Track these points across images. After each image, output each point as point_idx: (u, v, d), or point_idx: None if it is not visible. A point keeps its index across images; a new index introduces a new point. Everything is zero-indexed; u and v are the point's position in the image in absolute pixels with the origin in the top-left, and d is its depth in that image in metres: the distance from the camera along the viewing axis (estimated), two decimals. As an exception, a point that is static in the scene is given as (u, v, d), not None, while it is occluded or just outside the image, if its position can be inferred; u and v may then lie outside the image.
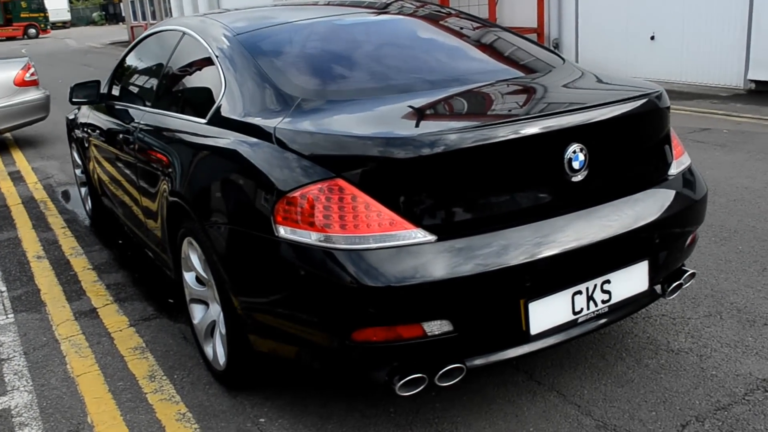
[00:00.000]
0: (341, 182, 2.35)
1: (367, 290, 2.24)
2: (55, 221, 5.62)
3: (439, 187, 2.34)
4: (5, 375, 3.26)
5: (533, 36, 11.51)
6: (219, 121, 2.95)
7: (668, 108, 2.90)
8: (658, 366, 3.04)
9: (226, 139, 2.82)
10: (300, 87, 2.83)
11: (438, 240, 2.33)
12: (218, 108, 3.00)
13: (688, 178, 2.96)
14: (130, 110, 4.03)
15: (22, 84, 8.49)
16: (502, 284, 2.35)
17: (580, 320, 2.55)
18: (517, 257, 2.35)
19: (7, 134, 9.68)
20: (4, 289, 4.26)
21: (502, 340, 2.46)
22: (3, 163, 8.00)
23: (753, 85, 9.53)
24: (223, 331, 2.85)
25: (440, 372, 2.35)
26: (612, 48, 11.27)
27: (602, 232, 2.52)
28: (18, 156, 8.31)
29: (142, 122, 3.73)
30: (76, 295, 4.12)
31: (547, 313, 2.46)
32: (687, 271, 2.98)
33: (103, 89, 4.61)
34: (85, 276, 4.41)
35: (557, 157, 2.48)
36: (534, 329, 2.43)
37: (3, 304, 4.02)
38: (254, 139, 2.67)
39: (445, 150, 2.30)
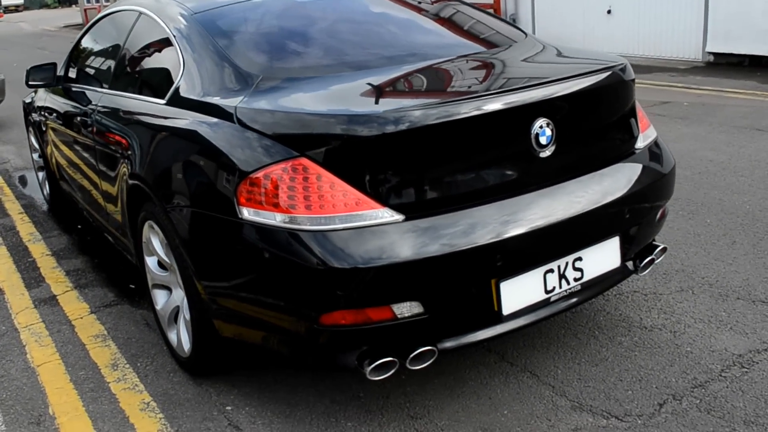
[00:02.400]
0: (305, 161, 2.20)
1: (334, 272, 2.11)
2: (12, 207, 5.37)
3: (405, 165, 2.21)
4: (-42, 367, 3.06)
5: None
6: (178, 101, 2.78)
7: (633, 80, 2.79)
8: (632, 344, 2.95)
9: (186, 119, 2.65)
10: (259, 65, 2.67)
11: (405, 219, 2.19)
12: (177, 88, 2.82)
13: (655, 151, 2.86)
14: (87, 92, 3.82)
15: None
16: (473, 264, 2.22)
17: (552, 299, 2.44)
18: (486, 236, 2.23)
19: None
20: (-41, 276, 4.04)
21: (474, 321, 2.34)
22: (-39, 146, 7.66)
23: (711, 58, 9.51)
24: (188, 316, 2.69)
25: (411, 355, 2.22)
26: (569, 23, 11.20)
27: (572, 209, 2.41)
28: (-22, 139, 7.97)
29: (99, 104, 3.53)
30: (35, 282, 3.91)
31: (519, 292, 2.34)
32: (658, 246, 2.90)
33: (60, 72, 4.38)
34: (44, 262, 4.20)
35: (524, 133, 2.36)
36: (506, 309, 2.32)
37: (-42, 293, 3.81)
38: (214, 119, 2.51)
39: (411, 127, 2.17)
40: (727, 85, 8.16)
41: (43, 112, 4.68)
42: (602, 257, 2.54)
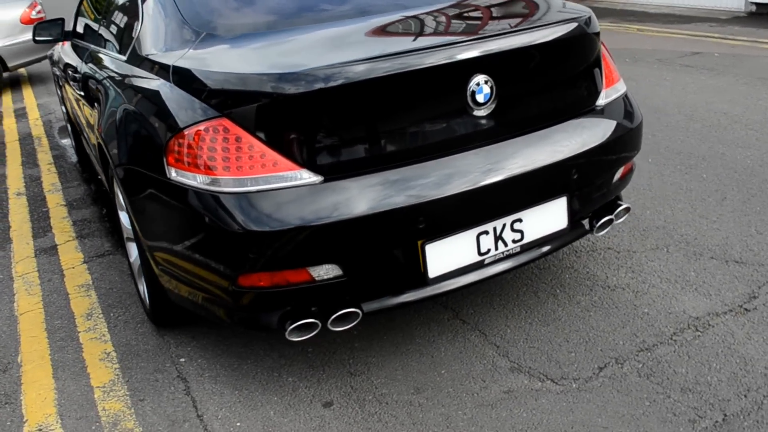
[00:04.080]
0: (226, 122, 2.08)
1: (248, 235, 2.01)
2: (44, 158, 5.45)
3: (323, 125, 2.06)
4: (-46, 313, 3.15)
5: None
6: (134, 58, 2.69)
7: (596, 34, 2.54)
8: (590, 303, 2.78)
9: (137, 77, 2.56)
10: (207, 21, 2.51)
11: (324, 181, 2.06)
12: (134, 45, 2.72)
13: (618, 107, 2.61)
14: (80, 47, 3.78)
15: (29, 22, 8.21)
16: (393, 226, 2.08)
17: (487, 261, 2.28)
18: (409, 197, 2.08)
19: (23, 71, 9.50)
20: (-24, 226, 4.14)
21: (398, 283, 2.21)
22: (12, 100, 7.82)
23: (754, 8, 8.79)
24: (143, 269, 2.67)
25: (332, 317, 2.13)
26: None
27: (509, 169, 2.22)
28: (27, 93, 8.12)
29: (86, 60, 3.48)
30: (43, 231, 3.97)
31: (448, 255, 2.19)
32: (620, 205, 2.68)
33: (70, 27, 4.34)
34: (56, 212, 4.26)
35: (459, 91, 2.17)
36: (432, 272, 2.18)
37: (-29, 242, 3.91)
38: (156, 78, 2.40)
39: (327, 86, 2.02)
40: (764, 35, 7.53)
41: (57, 66, 4.70)
42: (546, 218, 2.36)
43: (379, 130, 2.12)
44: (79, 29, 4.24)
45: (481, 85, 2.18)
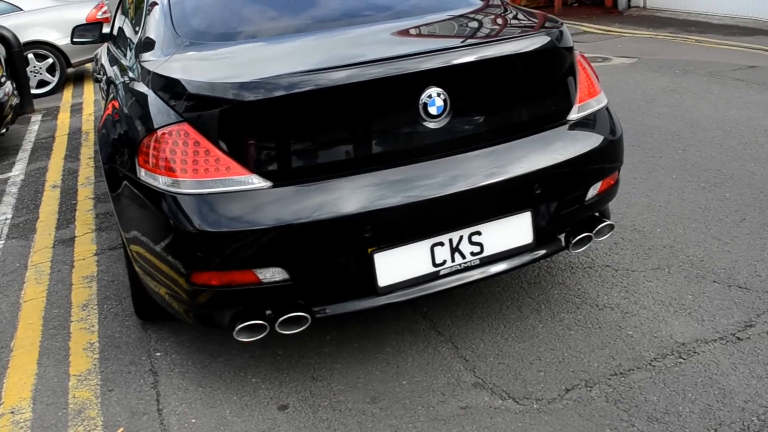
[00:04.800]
0: (187, 127, 2.13)
1: (199, 234, 2.05)
2: (86, 152, 5.68)
3: (275, 132, 2.08)
4: (-34, 297, 3.31)
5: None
6: (132, 63, 2.79)
7: (568, 48, 2.45)
8: (573, 321, 2.66)
9: (130, 81, 2.65)
10: (192, 29, 2.59)
11: (273, 186, 2.06)
12: (135, 50, 2.82)
13: (595, 122, 2.51)
14: (110, 50, 3.92)
15: (94, 21, 8.60)
16: (338, 233, 2.06)
17: (443, 272, 2.22)
18: (356, 205, 2.05)
19: (89, 66, 9.94)
20: (10, 215, 4.34)
21: (347, 291, 2.18)
22: (72, 95, 8.20)
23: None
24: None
25: (279, 320, 2.11)
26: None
27: (465, 181, 2.16)
28: (88, 89, 8.48)
29: (110, 62, 3.62)
30: (66, 223, 4.13)
31: (399, 264, 2.15)
32: (603, 221, 2.55)
33: (107, 30, 4.52)
34: (83, 205, 4.42)
35: (411, 102, 2.14)
36: (383, 281, 2.14)
37: (1, 231, 4.09)
38: (142, 82, 2.48)
39: (278, 95, 2.05)
40: (829, 45, 7.07)
41: (96, 66, 4.89)
42: (508, 232, 2.27)
43: (328, 139, 2.12)
44: (115, 32, 4.41)
45: (433, 98, 2.16)
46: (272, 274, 2.08)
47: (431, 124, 2.18)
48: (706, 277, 2.89)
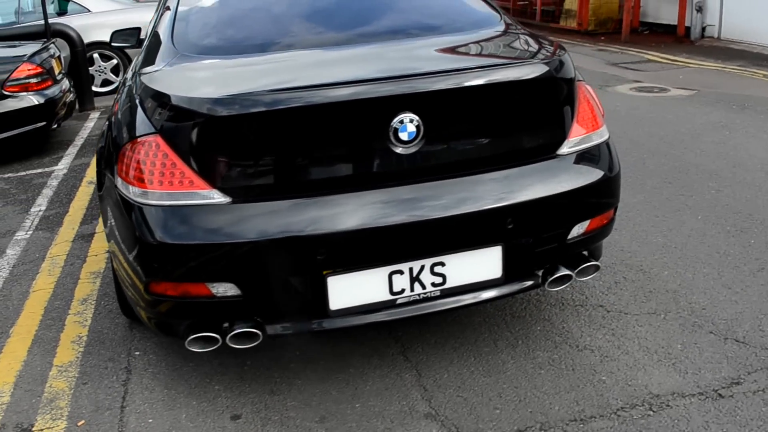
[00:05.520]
0: (158, 139, 2.21)
1: (156, 246, 2.14)
2: (131, 153, 5.95)
3: (237, 149, 2.15)
4: (-16, 282, 3.54)
5: (673, -6, 10.13)
6: (136, 70, 2.91)
7: (564, 79, 2.39)
8: (547, 360, 2.60)
9: (128, 89, 2.77)
10: (188, 42, 2.68)
11: (232, 203, 2.12)
12: (141, 59, 2.95)
13: (587, 157, 2.44)
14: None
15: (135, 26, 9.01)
16: (291, 254, 2.10)
17: (400, 301, 2.22)
18: (311, 228, 2.09)
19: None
20: (44, 208, 4.60)
21: (298, 311, 2.21)
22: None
23: None
24: None
25: (230, 334, 2.17)
26: (764, 12, 9.59)
27: (429, 210, 2.16)
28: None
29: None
30: (91, 218, 4.34)
31: (354, 289, 2.17)
32: (588, 261, 2.49)
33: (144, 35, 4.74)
34: (113, 203, 4.64)
35: (381, 127, 2.15)
36: (335, 305, 2.16)
37: (32, 222, 4.35)
38: (135, 92, 2.59)
39: (240, 112, 2.11)
40: None
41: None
42: (474, 265, 2.25)
43: (290, 159, 2.16)
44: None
45: (405, 123, 2.15)
46: (225, 289, 2.14)
47: (401, 150, 2.17)
48: (703, 327, 2.77)
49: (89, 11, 7.92)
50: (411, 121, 2.15)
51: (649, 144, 5.18)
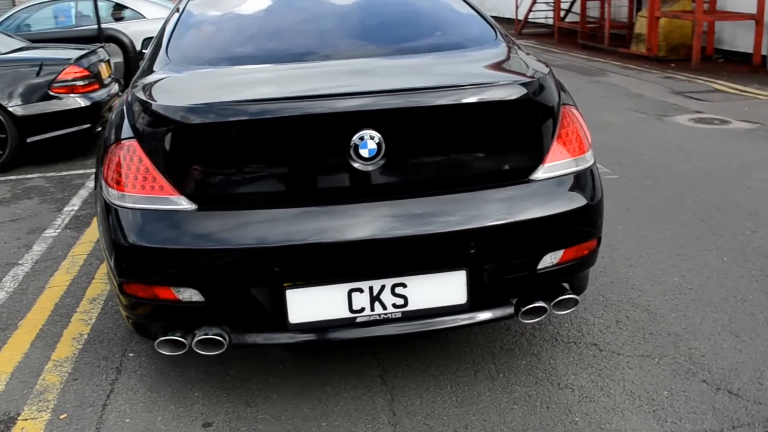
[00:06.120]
0: (135, 144, 2.37)
1: (127, 248, 2.30)
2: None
3: (204, 158, 2.29)
4: (7, 276, 3.82)
5: (750, 23, 9.83)
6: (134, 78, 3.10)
7: (543, 102, 2.42)
8: (523, 396, 2.63)
9: (128, 95, 2.96)
10: (180, 53, 2.83)
11: (198, 210, 2.27)
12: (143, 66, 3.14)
13: (565, 184, 2.45)
14: None
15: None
16: (249, 264, 2.23)
17: (360, 320, 2.31)
18: (269, 239, 2.22)
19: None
20: (77, 208, 4.92)
21: (259, 322, 2.34)
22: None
23: None
24: None
25: (194, 340, 2.31)
26: None
27: (390, 230, 2.24)
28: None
29: None
30: (119, 221, 4.61)
31: (312, 304, 2.27)
32: (566, 293, 2.50)
33: None
34: (143, 207, 4.91)
35: (341, 143, 2.25)
36: (294, 318, 2.28)
37: (63, 221, 4.66)
38: (126, 99, 2.76)
39: (205, 122, 2.25)
40: None
41: None
42: (437, 289, 2.32)
43: (254, 170, 2.29)
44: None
45: (365, 140, 2.23)
46: (190, 295, 2.29)
47: (362, 167, 2.25)
48: (696, 375, 2.74)
49: (144, 17, 8.36)
50: (372, 138, 2.22)
51: (692, 178, 5.08)
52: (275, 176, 2.30)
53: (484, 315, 2.45)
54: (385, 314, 2.32)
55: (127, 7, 8.49)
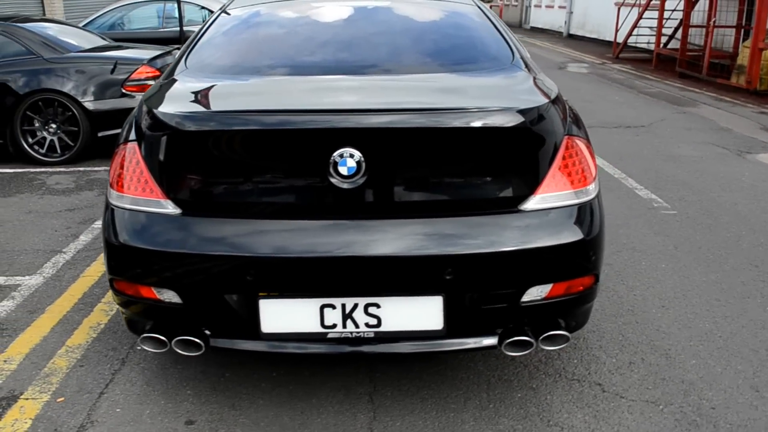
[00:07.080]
0: (135, 147, 2.54)
1: (113, 245, 2.48)
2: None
3: (190, 164, 2.42)
4: (48, 263, 4.12)
5: None
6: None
7: (539, 132, 2.42)
8: (508, 429, 2.62)
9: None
10: (196, 62, 3.00)
11: (182, 215, 2.42)
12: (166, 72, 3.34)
13: (558, 216, 2.43)
14: None
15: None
16: (223, 271, 2.34)
17: (332, 335, 2.38)
18: (243, 248, 2.33)
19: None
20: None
21: (233, 328, 2.45)
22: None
23: None
24: None
25: (174, 340, 2.44)
26: None
27: (364, 249, 2.30)
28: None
29: None
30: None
31: (285, 316, 2.36)
32: (557, 329, 2.48)
33: None
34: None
35: (321, 159, 2.33)
36: (266, 328, 2.37)
37: (113, 214, 4.97)
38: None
39: (191, 130, 2.38)
40: None
41: None
42: (412, 313, 2.36)
43: (237, 180, 2.40)
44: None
45: (345, 158, 2.30)
46: (170, 296, 2.43)
47: (340, 184, 2.33)
48: (700, 427, 2.64)
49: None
50: (351, 156, 2.30)
51: (756, 221, 4.86)
52: (255, 187, 2.41)
53: (463, 343, 2.46)
54: (358, 333, 2.38)
55: (210, 11, 8.93)
